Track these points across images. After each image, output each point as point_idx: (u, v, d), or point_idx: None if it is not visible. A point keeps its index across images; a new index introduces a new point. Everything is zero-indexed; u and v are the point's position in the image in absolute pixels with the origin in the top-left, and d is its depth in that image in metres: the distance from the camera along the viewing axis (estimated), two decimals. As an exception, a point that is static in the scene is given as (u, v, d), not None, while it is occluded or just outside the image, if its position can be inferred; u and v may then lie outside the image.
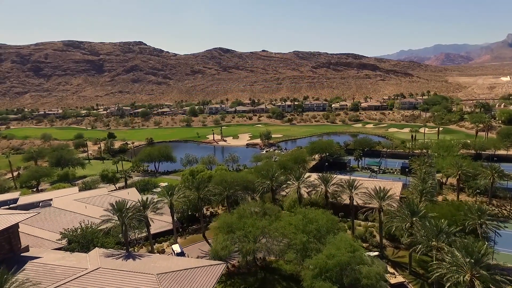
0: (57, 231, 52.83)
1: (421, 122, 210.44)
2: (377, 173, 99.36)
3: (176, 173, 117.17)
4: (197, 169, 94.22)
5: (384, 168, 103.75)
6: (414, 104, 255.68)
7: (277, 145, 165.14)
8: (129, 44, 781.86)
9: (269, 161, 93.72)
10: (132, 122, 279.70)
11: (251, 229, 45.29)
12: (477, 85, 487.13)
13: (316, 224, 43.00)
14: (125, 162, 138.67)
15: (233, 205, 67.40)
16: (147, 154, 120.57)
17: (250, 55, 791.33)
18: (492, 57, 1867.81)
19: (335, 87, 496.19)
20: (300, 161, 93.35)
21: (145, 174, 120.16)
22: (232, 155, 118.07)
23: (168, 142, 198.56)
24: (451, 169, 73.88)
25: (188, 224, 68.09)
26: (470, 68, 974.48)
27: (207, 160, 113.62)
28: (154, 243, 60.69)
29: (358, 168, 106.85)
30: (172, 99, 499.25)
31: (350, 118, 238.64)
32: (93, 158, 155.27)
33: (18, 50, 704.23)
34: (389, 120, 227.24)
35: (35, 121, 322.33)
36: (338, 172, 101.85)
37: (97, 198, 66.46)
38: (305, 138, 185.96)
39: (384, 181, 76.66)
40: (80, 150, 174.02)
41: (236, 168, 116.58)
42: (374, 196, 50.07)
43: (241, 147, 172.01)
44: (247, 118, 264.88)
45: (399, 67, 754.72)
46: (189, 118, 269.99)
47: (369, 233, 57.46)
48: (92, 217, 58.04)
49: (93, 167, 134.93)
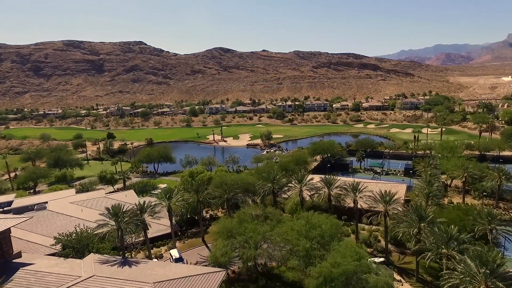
0: (52, 235, 51.13)
1: (423, 122, 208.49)
2: (380, 175, 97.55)
3: (176, 174, 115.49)
4: (196, 170, 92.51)
5: (387, 169, 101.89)
6: (416, 104, 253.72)
7: (278, 145, 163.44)
8: (129, 44, 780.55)
9: (270, 162, 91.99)
10: (132, 122, 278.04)
11: (252, 234, 43.56)
12: (478, 85, 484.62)
13: (320, 229, 41.21)
14: (124, 163, 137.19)
15: (234, 208, 65.66)
16: (146, 155, 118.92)
17: (251, 55, 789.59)
18: (493, 57, 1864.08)
19: (336, 87, 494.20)
20: (302, 163, 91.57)
21: (144, 175, 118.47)
22: (232, 156, 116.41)
23: (168, 142, 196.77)
24: (456, 171, 72.05)
25: (187, 227, 66.39)
26: (471, 68, 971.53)
27: (207, 161, 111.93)
28: (152, 247, 59.01)
29: (361, 169, 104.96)
30: (172, 99, 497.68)
31: (351, 118, 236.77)
32: (92, 158, 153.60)
33: (18, 50, 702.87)
34: (390, 121, 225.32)
35: (34, 121, 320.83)
36: (340, 173, 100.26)
37: (94, 201, 64.74)
38: (306, 139, 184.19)
39: (388, 183, 74.97)
40: (79, 151, 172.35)
41: (237, 169, 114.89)
42: (379, 200, 48.28)
43: (241, 148, 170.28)
44: (247, 118, 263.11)
45: (399, 67, 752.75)
46: (189, 118, 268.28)
47: (373, 237, 55.69)
48: (88, 221, 56.39)
49: (91, 168, 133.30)
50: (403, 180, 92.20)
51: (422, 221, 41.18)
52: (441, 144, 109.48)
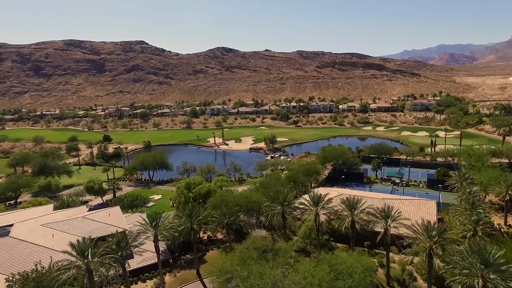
0: (8, 272, 40.97)
1: (436, 125, 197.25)
2: (399, 186, 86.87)
3: (172, 182, 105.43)
4: (194, 181, 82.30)
5: (406, 179, 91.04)
6: (426, 105, 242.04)
7: (283, 150, 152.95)
8: (131, 43, 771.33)
9: (275, 173, 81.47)
10: (130, 123, 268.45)
11: (259, 282, 33.17)
12: (487, 86, 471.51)
13: (351, 280, 30.78)
14: (118, 168, 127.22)
15: (235, 232, 55.47)
16: (140, 162, 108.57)
17: (253, 54, 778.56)
18: (497, 57, 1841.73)
19: (340, 87, 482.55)
20: (313, 173, 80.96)
21: (137, 183, 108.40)
22: (234, 163, 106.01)
23: (167, 145, 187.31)
24: (498, 187, 61.28)
25: (180, 253, 56.07)
26: (477, 68, 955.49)
27: (206, 169, 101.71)
28: (137, 281, 48.93)
29: (377, 179, 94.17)
30: (173, 99, 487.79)
31: (359, 120, 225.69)
32: (84, 163, 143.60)
33: (19, 50, 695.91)
34: (400, 123, 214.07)
35: (31, 122, 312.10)
36: (354, 184, 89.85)
37: (69, 223, 54.50)
38: (312, 142, 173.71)
39: (415, 200, 64.43)
40: (72, 154, 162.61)
41: (239, 177, 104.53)
42: (421, 232, 37.68)
43: (244, 152, 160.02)
44: (250, 120, 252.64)
45: (404, 67, 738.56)
46: (189, 120, 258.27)
47: (407, 274, 45.10)
48: (57, 251, 46.15)
49: (82, 174, 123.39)
50: (426, 193, 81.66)
51: (488, 267, 30.61)
52: (465, 151, 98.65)
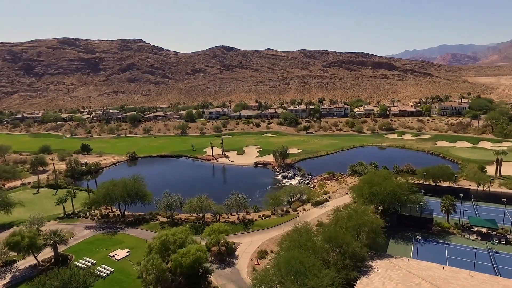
0: None
1: (475, 133, 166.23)
2: (495, 243, 55.99)
3: (152, 222, 74.82)
4: (174, 238, 51.51)
5: (502, 230, 59.72)
6: (457, 109, 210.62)
7: (297, 167, 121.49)
8: (128, 41, 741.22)
9: (306, 230, 50.24)
10: (118, 128, 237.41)
11: None
12: (506, 86, 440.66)
13: None
14: (83, 192, 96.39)
15: None
16: (104, 194, 76.65)
17: (255, 53, 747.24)
18: (500, 57, 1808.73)
19: (349, 88, 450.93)
20: (369, 232, 49.51)
21: (101, 223, 77.15)
22: (238, 196, 74.55)
23: (155, 157, 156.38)
24: None
25: None
26: (485, 68, 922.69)
27: (198, 206, 70.68)
28: None
29: (451, 227, 62.82)
30: (170, 100, 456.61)
31: (380, 127, 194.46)
32: (45, 185, 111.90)
33: (10, 48, 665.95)
34: (430, 130, 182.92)
35: (9, 126, 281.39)
36: (418, 235, 58.18)
37: None
38: (331, 156, 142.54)
39: None
40: (40, 170, 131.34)
41: (243, 217, 73.39)
42: None
43: (248, 167, 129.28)
44: (253, 125, 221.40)
45: (412, 66, 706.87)
46: (185, 125, 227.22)
47: None
48: None
49: (36, 203, 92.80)
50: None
51: None
52: None
